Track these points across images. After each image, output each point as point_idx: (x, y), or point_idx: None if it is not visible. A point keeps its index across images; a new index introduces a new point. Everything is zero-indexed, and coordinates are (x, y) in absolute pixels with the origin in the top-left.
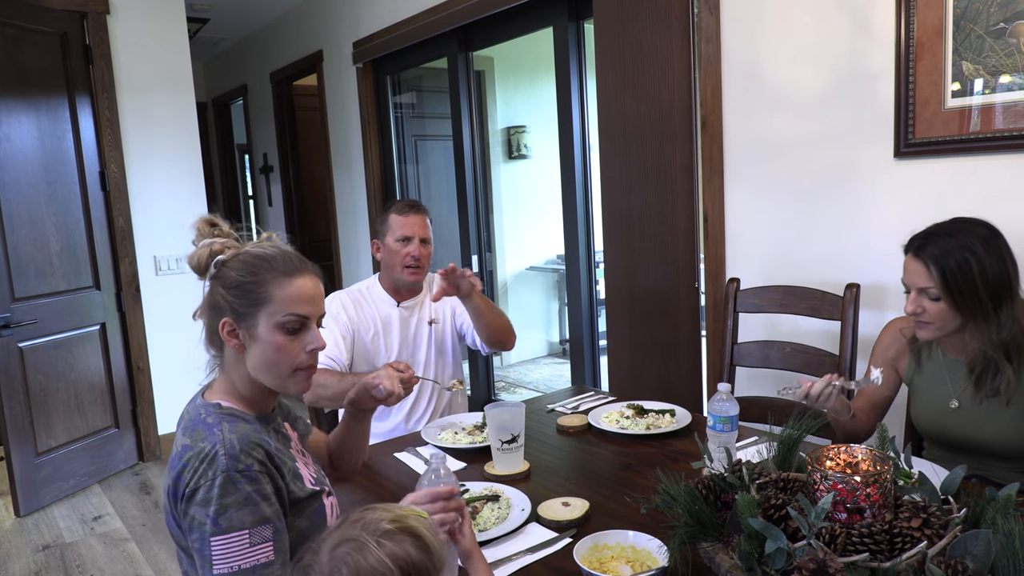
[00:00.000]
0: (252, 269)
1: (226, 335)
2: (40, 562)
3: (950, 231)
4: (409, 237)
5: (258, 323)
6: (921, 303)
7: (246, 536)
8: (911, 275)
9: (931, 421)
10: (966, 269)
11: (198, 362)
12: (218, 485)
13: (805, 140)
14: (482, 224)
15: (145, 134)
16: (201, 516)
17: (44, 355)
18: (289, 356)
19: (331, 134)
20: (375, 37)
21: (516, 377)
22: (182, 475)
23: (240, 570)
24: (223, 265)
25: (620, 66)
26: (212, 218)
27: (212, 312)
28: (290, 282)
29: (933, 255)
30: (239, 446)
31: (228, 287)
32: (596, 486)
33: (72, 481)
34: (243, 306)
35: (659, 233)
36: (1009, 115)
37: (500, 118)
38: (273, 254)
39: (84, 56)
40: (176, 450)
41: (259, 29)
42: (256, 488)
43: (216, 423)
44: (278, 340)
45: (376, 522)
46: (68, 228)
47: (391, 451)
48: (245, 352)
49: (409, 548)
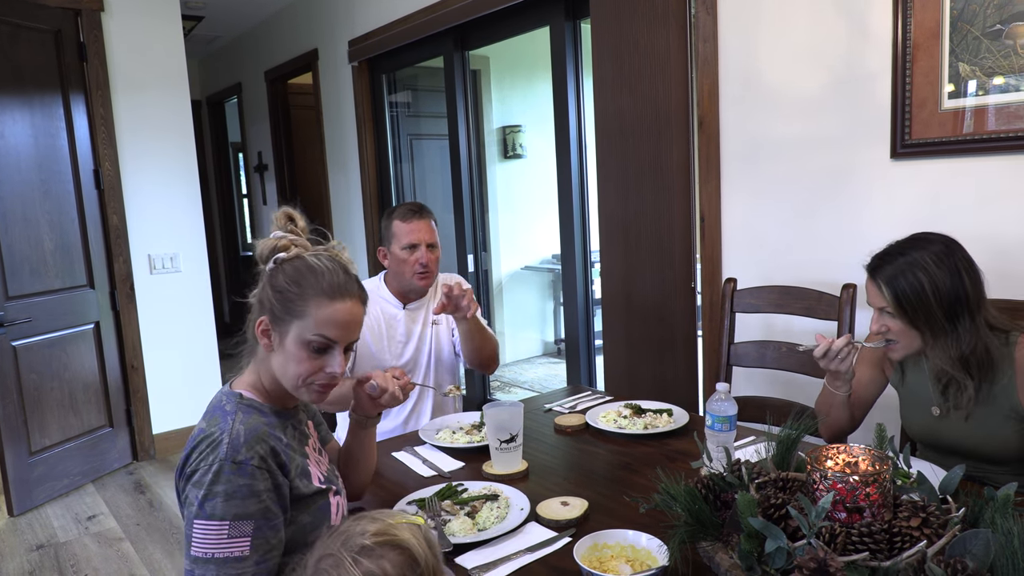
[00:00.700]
0: (298, 280)
1: (260, 333)
2: (34, 562)
3: (903, 249)
4: (416, 244)
5: (288, 332)
6: (884, 322)
7: (225, 527)
8: (870, 296)
9: (919, 426)
10: (917, 288)
11: (192, 361)
12: (212, 471)
13: (802, 140)
14: (478, 224)
15: (140, 132)
16: (192, 496)
17: (38, 354)
18: (303, 370)
19: (326, 133)
20: (371, 36)
21: (511, 377)
22: (190, 455)
23: (213, 558)
24: (280, 264)
25: (617, 65)
26: (292, 212)
27: (256, 306)
28: (329, 304)
29: (885, 275)
30: (243, 438)
31: (274, 289)
32: (594, 485)
33: (66, 480)
34: (281, 312)
35: (655, 233)
36: (1005, 116)
37: (496, 117)
38: (323, 269)
39: (78, 54)
40: (195, 431)
41: (253, 27)
42: (248, 483)
43: (232, 412)
44: (300, 355)
45: (357, 536)
46: (62, 226)
47: (389, 451)
48: (272, 353)
49: (386, 565)
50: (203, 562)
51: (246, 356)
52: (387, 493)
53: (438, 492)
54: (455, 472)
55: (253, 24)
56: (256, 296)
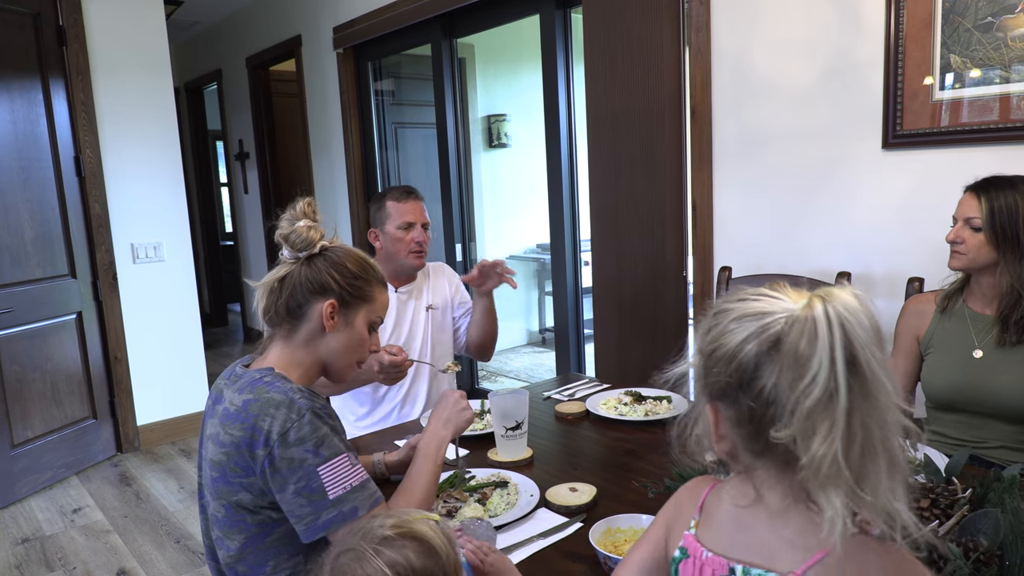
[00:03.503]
0: (364, 269)
1: (327, 315)
2: (20, 555)
3: (1012, 180)
4: (411, 223)
5: (358, 315)
6: (962, 234)
7: (346, 458)
8: (962, 207)
9: (952, 377)
10: (1012, 209)
11: (177, 352)
12: (307, 422)
13: (794, 130)
14: (466, 213)
15: (121, 118)
16: (301, 454)
17: (19, 345)
18: (364, 348)
19: (310, 121)
20: (357, 22)
21: (496, 366)
22: (257, 424)
23: (352, 488)
24: (326, 250)
25: (609, 54)
26: (314, 203)
27: (313, 288)
28: (384, 291)
29: (987, 191)
30: (306, 393)
31: (343, 274)
32: (600, 472)
33: (50, 473)
34: (352, 297)
35: (647, 222)
36: (996, 107)
37: (480, 106)
38: (372, 260)
39: (57, 37)
40: (233, 406)
41: (234, 12)
42: (332, 424)
43: (275, 380)
44: (364, 335)
45: (376, 529)
46: (43, 215)
47: (391, 439)
48: (332, 333)
49: (409, 554)
50: (346, 498)
51: (272, 339)
52: (392, 484)
53: (446, 479)
54: (460, 459)
55: (233, 9)
56: (295, 280)
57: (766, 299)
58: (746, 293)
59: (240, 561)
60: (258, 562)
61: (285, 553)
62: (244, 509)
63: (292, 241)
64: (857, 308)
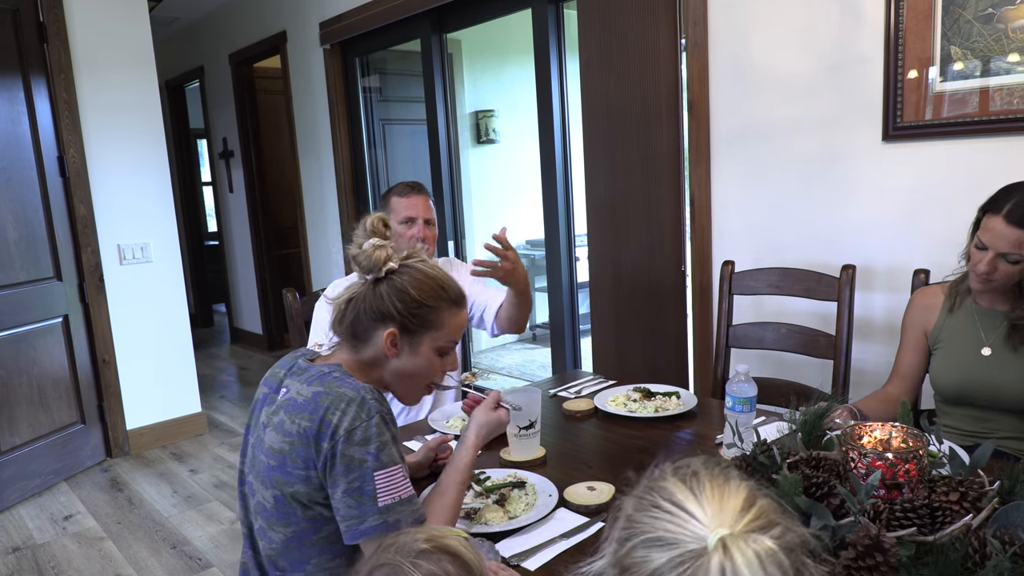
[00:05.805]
0: (432, 294)
1: (388, 343)
2: (11, 565)
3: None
4: (413, 218)
5: (423, 342)
6: (996, 264)
7: (400, 470)
8: (999, 238)
9: (961, 374)
10: None
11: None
12: (374, 424)
13: (793, 124)
14: (457, 210)
15: (105, 116)
16: (361, 455)
17: (4, 349)
18: (432, 373)
19: (296, 118)
20: (344, 18)
21: (488, 363)
22: (326, 417)
23: (400, 500)
24: (393, 274)
25: (604, 48)
26: (386, 218)
27: (375, 316)
28: (459, 312)
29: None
30: (376, 396)
31: (404, 302)
32: (615, 469)
33: (38, 480)
34: (414, 325)
35: (644, 217)
36: (995, 99)
37: (468, 102)
38: (445, 280)
39: (38, 34)
40: (301, 396)
41: (216, 8)
42: (394, 433)
43: (344, 376)
44: (432, 360)
45: (411, 543)
46: (26, 217)
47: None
48: (395, 359)
49: (448, 566)
50: (393, 508)
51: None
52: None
53: None
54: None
55: (216, 5)
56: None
57: (678, 518)
58: (661, 497)
59: (282, 555)
60: (301, 559)
61: (329, 553)
62: (297, 502)
63: (360, 262)
64: (758, 568)
